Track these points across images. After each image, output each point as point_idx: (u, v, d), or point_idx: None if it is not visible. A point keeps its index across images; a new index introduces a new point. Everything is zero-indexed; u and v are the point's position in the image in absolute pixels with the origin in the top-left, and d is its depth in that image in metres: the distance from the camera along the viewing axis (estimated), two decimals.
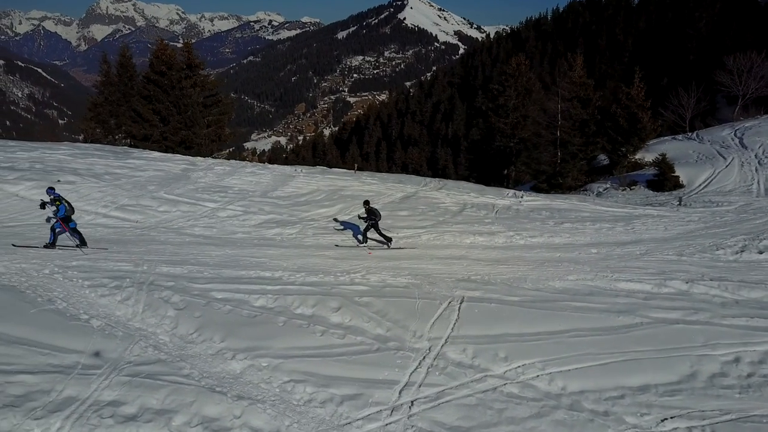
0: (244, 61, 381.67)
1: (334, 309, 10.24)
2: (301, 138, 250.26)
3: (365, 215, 14.60)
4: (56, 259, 11.18)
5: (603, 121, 26.24)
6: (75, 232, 13.21)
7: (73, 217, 12.99)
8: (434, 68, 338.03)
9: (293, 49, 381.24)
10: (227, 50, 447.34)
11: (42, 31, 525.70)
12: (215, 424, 7.52)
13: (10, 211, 15.33)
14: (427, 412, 8.26)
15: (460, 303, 11.00)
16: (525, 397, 8.82)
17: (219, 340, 9.04)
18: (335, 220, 15.68)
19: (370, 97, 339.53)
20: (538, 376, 9.36)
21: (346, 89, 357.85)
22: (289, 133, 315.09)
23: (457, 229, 14.69)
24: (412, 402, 8.41)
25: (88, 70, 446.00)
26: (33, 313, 8.97)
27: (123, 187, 17.45)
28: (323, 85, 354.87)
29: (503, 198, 18.23)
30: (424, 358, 9.41)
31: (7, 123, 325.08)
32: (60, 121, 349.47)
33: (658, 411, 8.63)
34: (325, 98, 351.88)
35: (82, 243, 13.09)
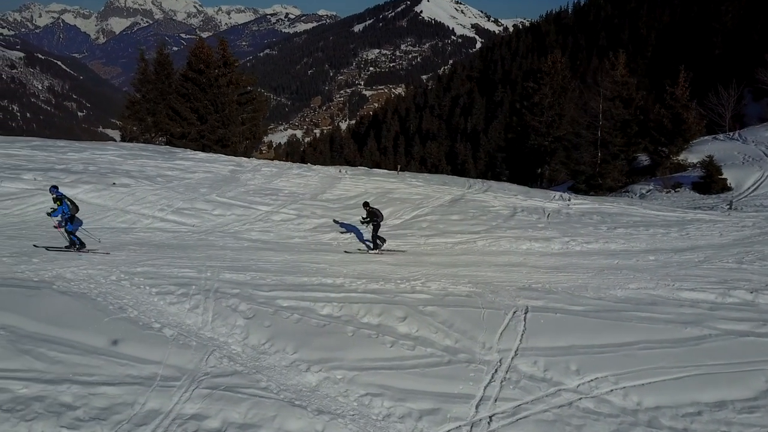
0: (261, 54, 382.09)
1: (400, 318, 10.12)
2: (317, 132, 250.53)
3: (367, 218, 14.29)
4: (121, 265, 11.19)
5: (645, 121, 25.77)
6: (71, 233, 13.06)
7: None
8: (451, 62, 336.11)
9: (309, 42, 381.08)
10: (244, 43, 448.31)
11: (61, 24, 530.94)
12: None
13: None
14: (506, 429, 8.14)
15: (525, 313, 10.83)
16: (602, 413, 8.66)
17: (291, 351, 8.97)
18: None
19: (386, 90, 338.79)
20: (612, 390, 9.18)
21: (362, 82, 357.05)
22: (305, 127, 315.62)
23: (511, 234, 14.50)
24: (490, 417, 8.28)
25: (106, 62, 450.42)
26: (107, 321, 8.97)
27: (176, 189, 17.47)
28: (339, 78, 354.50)
29: (551, 201, 17.97)
30: (496, 371, 9.27)
31: (28, 115, 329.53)
32: (79, 114, 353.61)
33: (739, 429, 8.44)
34: (341, 91, 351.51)
35: (71, 246, 12.97)
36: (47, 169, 18.33)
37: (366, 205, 14.45)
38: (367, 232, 14.75)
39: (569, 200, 17.96)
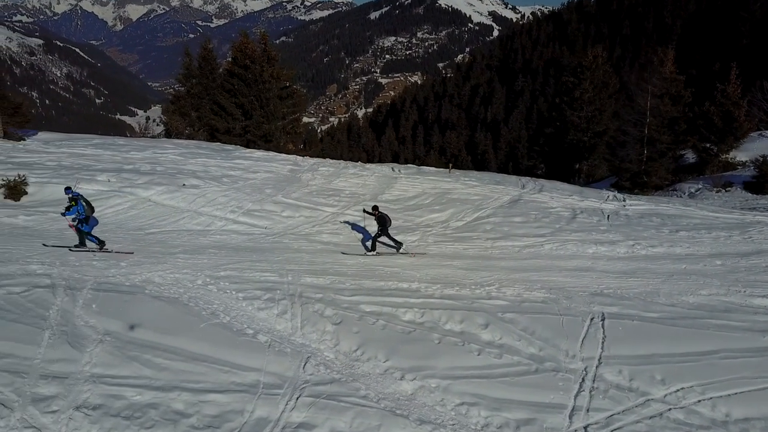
0: (277, 42, 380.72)
1: (482, 326, 10.20)
2: (334, 120, 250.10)
3: (371, 211, 14.37)
4: (205, 269, 11.35)
5: (694, 118, 25.42)
6: (83, 233, 13.17)
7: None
8: (468, 49, 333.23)
9: (325, 29, 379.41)
10: (260, 30, 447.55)
11: (79, 11, 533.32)
12: None
13: (147, 216, 15.63)
14: None
15: (602, 320, 10.84)
16: (692, 424, 8.67)
17: (383, 359, 9.09)
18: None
19: (401, 78, 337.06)
20: (699, 401, 9.18)
21: (378, 70, 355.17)
22: (320, 115, 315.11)
23: (576, 237, 14.47)
24: (585, 429, 8.35)
25: (123, 49, 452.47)
26: (203, 327, 9.14)
27: (242, 190, 17.62)
28: (355, 66, 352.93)
29: (606, 201, 17.87)
30: (583, 380, 9.31)
31: (47, 102, 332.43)
32: (97, 101, 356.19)
33: None
34: (357, 79, 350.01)
35: (82, 244, 13.07)
36: (117, 170, 18.57)
37: (375, 209, 14.44)
38: (371, 231, 14.69)
39: (624, 200, 17.84)
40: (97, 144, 22.24)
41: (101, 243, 13.13)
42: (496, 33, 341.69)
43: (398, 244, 14.21)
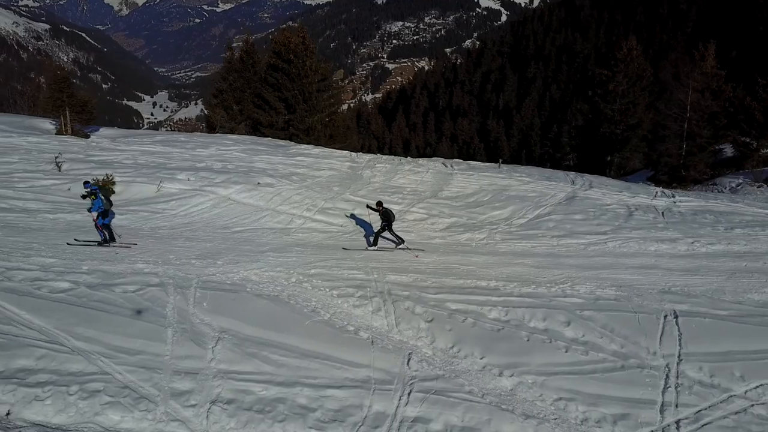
0: (283, 26, 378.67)
1: (564, 323, 10.62)
2: (343, 106, 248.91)
3: (376, 207, 14.68)
4: (296, 266, 11.81)
5: (735, 113, 25.58)
6: (106, 228, 13.42)
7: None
8: (475, 35, 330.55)
9: (332, 14, 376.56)
10: (266, 15, 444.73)
11: None
12: None
13: (230, 215, 16.08)
14: None
15: (675, 317, 11.23)
16: None
17: (479, 356, 9.55)
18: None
19: (409, 63, 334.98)
20: None
21: (385, 55, 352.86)
22: None
23: (636, 235, 14.84)
24: (677, 423, 8.81)
25: (129, 34, 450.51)
26: (308, 325, 9.62)
27: (313, 188, 18.03)
28: (362, 51, 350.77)
29: (656, 197, 18.21)
30: (667, 376, 9.74)
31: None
32: (104, 86, 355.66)
33: None
34: (364, 65, 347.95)
35: (110, 240, 13.30)
36: (191, 168, 19.03)
37: (380, 204, 14.76)
38: (375, 226, 15.05)
39: (673, 197, 18.17)
40: (162, 141, 22.69)
41: (112, 238, 13.32)
42: (504, 18, 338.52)
43: (399, 240, 14.61)
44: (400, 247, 14.47)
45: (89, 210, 13.34)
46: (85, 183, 13.54)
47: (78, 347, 8.21)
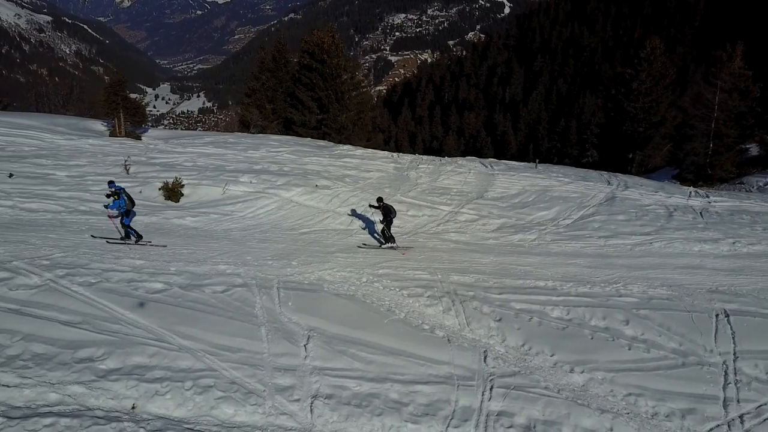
0: (285, 19, 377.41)
1: (623, 322, 11.14)
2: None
3: (376, 205, 15.16)
4: (365, 267, 12.33)
5: (762, 113, 25.99)
6: (127, 227, 13.86)
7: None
8: (478, 27, 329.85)
9: (334, 6, 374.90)
10: (268, 7, 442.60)
11: None
12: None
13: (295, 216, 16.60)
14: (758, 428, 9.19)
15: (726, 316, 11.73)
16: None
17: (549, 353, 10.08)
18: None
19: (412, 56, 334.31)
20: None
21: (388, 48, 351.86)
22: None
23: (680, 236, 15.33)
24: (741, 418, 9.34)
25: (131, 26, 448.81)
26: (387, 323, 10.14)
27: (366, 190, 18.52)
28: (365, 43, 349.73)
29: (690, 197, 18.69)
30: (725, 373, 10.26)
31: (56, 79, 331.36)
32: (106, 78, 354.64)
33: None
34: (366, 57, 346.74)
35: (127, 237, 13.80)
36: (249, 171, 19.49)
37: (380, 200, 15.25)
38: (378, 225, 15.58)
39: (707, 197, 18.64)
40: (213, 142, 23.12)
41: (139, 236, 13.87)
42: (507, 10, 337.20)
43: (391, 238, 15.10)
44: (386, 245, 14.97)
45: (107, 207, 13.92)
46: (110, 183, 14.07)
47: (184, 345, 8.74)
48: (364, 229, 16.48)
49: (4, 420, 6.92)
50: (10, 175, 17.34)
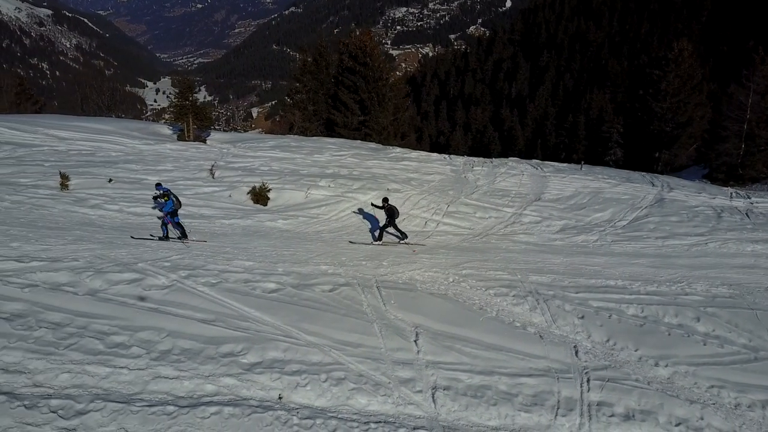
0: (286, 12, 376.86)
1: (694, 319, 11.91)
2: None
3: (380, 205, 16.06)
4: (449, 267, 13.08)
5: None
6: (178, 225, 14.93)
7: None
8: (479, 20, 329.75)
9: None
10: (269, 0, 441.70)
11: None
12: (687, 424, 9.40)
13: (375, 220, 17.29)
14: None
15: None
16: None
17: (634, 348, 10.84)
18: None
19: (413, 50, 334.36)
20: None
21: (389, 41, 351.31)
22: None
23: (731, 236, 16.10)
24: None
25: (131, 20, 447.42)
26: (482, 321, 10.89)
27: (432, 192, 19.26)
28: None
29: (733, 198, 19.44)
30: None
31: (57, 73, 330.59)
32: (106, 72, 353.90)
33: None
34: None
35: (183, 236, 14.81)
36: (321, 175, 20.19)
37: (385, 201, 16.21)
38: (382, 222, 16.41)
39: (749, 197, 19.40)
40: (278, 146, 23.77)
41: (166, 238, 14.79)
42: (509, 4, 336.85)
43: (403, 235, 16.04)
44: (402, 242, 15.87)
45: (159, 208, 14.91)
46: (157, 185, 14.91)
47: (310, 341, 9.48)
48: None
49: (176, 408, 7.67)
50: (110, 180, 18.21)
